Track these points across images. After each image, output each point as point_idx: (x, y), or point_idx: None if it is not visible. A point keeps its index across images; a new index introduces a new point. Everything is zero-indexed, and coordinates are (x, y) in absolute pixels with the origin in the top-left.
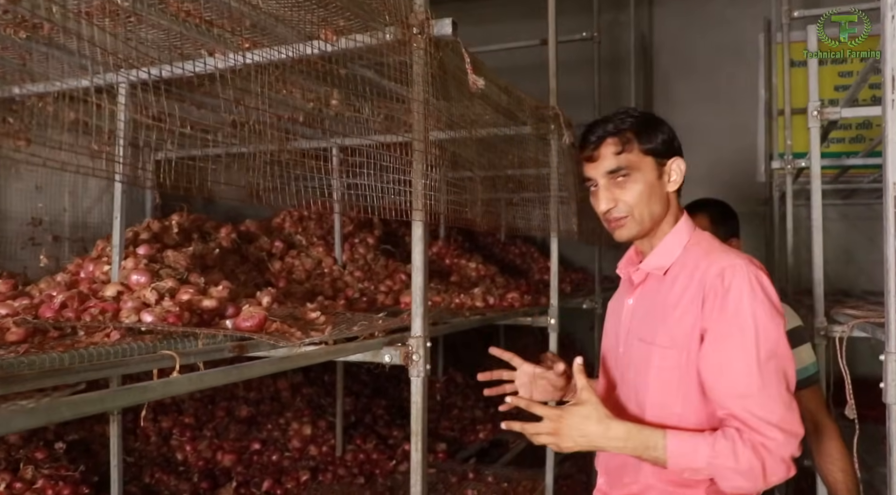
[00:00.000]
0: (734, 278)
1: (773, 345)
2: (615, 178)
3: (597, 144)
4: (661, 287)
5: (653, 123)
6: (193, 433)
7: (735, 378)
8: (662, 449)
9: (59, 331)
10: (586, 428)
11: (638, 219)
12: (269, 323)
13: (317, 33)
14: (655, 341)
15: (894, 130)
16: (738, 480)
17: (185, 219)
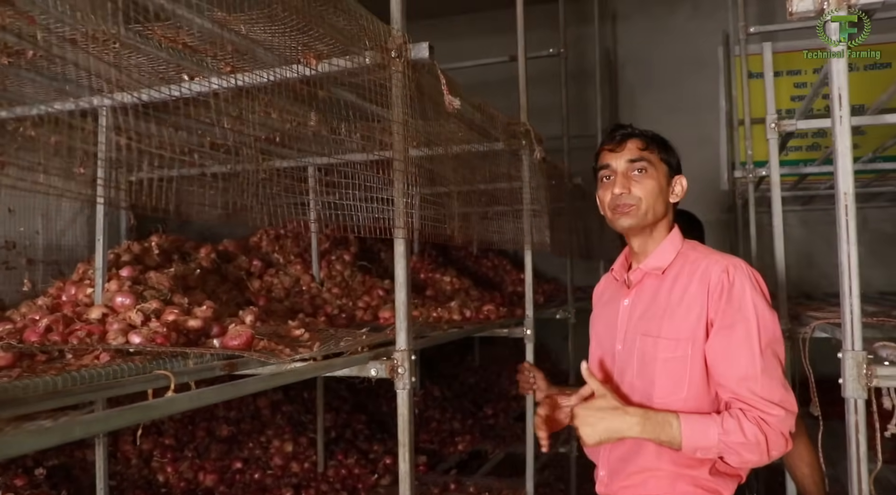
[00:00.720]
0: (737, 275)
1: (772, 333)
2: (634, 168)
3: (623, 139)
4: (662, 285)
5: (669, 143)
6: (174, 454)
7: (740, 362)
8: (677, 430)
9: (47, 355)
10: (604, 419)
11: (643, 211)
12: (257, 341)
13: (298, 58)
14: (661, 334)
15: (843, 144)
16: (745, 454)
17: (165, 240)
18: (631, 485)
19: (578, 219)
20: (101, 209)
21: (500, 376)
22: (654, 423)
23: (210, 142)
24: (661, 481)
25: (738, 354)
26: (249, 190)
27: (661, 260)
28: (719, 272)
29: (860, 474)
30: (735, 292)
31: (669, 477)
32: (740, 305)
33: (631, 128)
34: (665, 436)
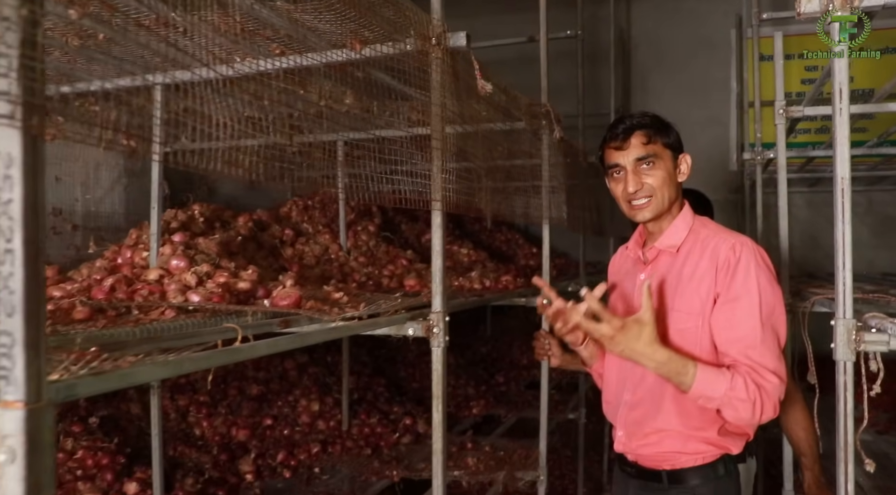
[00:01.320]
0: (743, 251)
1: (772, 307)
2: (642, 165)
3: (626, 135)
4: (675, 261)
5: (666, 124)
6: (209, 410)
7: (743, 332)
8: (692, 376)
9: (116, 311)
10: (636, 344)
11: (659, 201)
12: (304, 301)
13: (344, 43)
14: (674, 307)
15: (842, 133)
16: (742, 411)
17: (206, 209)
18: (648, 444)
19: (591, 197)
20: (156, 178)
21: (511, 346)
22: (673, 365)
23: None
24: (675, 440)
25: (740, 324)
26: (298, 161)
27: (674, 238)
28: (727, 249)
29: (847, 428)
30: (741, 268)
31: (682, 437)
32: (745, 280)
33: (630, 121)
34: (676, 379)
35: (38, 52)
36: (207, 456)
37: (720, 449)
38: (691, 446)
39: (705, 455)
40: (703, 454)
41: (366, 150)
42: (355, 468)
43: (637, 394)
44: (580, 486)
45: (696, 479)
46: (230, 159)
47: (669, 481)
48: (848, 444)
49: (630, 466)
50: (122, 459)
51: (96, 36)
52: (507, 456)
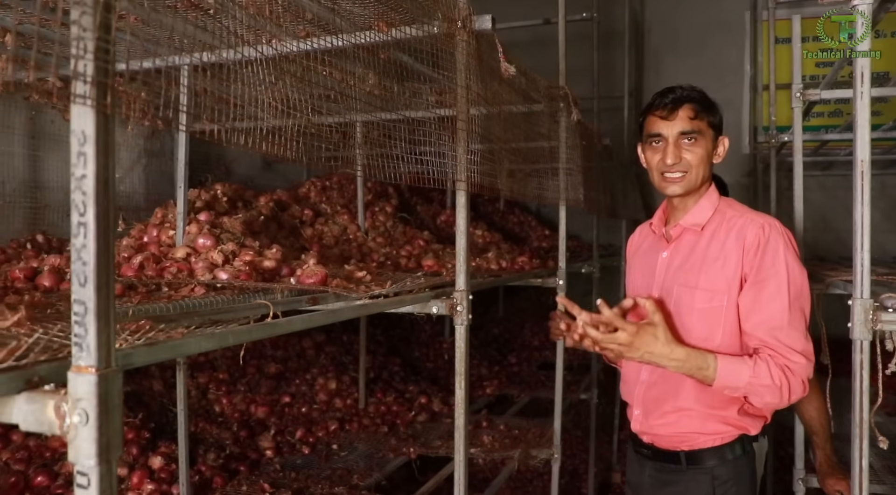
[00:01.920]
0: (772, 232)
1: (799, 288)
2: (684, 139)
3: (675, 106)
4: (700, 240)
5: (714, 103)
6: (228, 388)
7: (770, 313)
8: (714, 370)
9: (146, 288)
10: (654, 346)
11: (692, 179)
12: (330, 279)
13: (371, 25)
14: (698, 285)
15: (863, 116)
16: (769, 397)
17: (228, 189)
18: (665, 423)
19: (606, 179)
20: (182, 158)
21: (523, 327)
22: (694, 362)
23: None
24: (693, 420)
25: (769, 306)
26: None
27: (699, 216)
28: (756, 229)
29: (863, 405)
30: (769, 249)
31: (701, 417)
32: (773, 261)
33: (681, 92)
34: (700, 374)
35: (110, 35)
36: (228, 432)
37: (739, 429)
38: (710, 426)
39: (724, 435)
40: (721, 434)
41: (391, 131)
42: (372, 445)
43: (656, 373)
44: (591, 465)
45: (713, 460)
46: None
47: (687, 462)
48: (863, 422)
49: (646, 447)
50: (147, 434)
51: (128, 17)
52: (522, 435)
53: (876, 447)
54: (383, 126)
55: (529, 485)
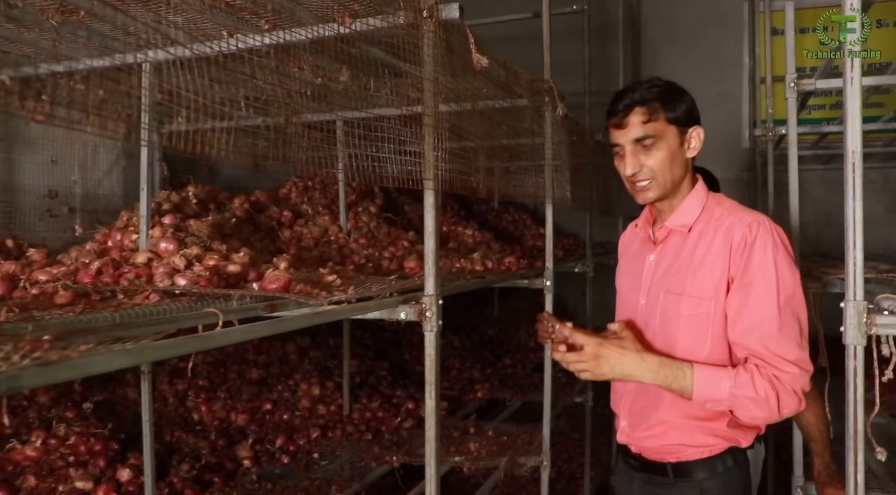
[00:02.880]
0: (760, 231)
1: (791, 292)
2: (641, 145)
3: (625, 113)
4: (686, 242)
5: (677, 93)
6: (208, 395)
7: (758, 320)
8: (690, 380)
9: (100, 295)
10: (623, 357)
11: (661, 183)
12: (294, 285)
13: (334, 17)
14: (685, 291)
15: (853, 104)
16: (755, 410)
17: (201, 191)
18: (652, 436)
19: (598, 176)
20: (145, 159)
21: (518, 328)
22: (667, 371)
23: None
24: (681, 432)
25: (756, 311)
26: (285, 141)
27: (686, 217)
28: (743, 229)
29: (857, 415)
30: (757, 249)
31: (688, 429)
32: (761, 262)
33: (630, 96)
34: (677, 385)
35: None
36: (205, 441)
37: (729, 441)
38: (698, 438)
39: (713, 447)
40: (710, 447)
41: (360, 129)
42: (355, 453)
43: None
44: (587, 470)
45: (702, 473)
46: (219, 141)
47: (675, 474)
48: (858, 433)
49: (633, 458)
50: (116, 445)
51: (78, 12)
52: (511, 441)
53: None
54: (353, 123)
55: (523, 491)
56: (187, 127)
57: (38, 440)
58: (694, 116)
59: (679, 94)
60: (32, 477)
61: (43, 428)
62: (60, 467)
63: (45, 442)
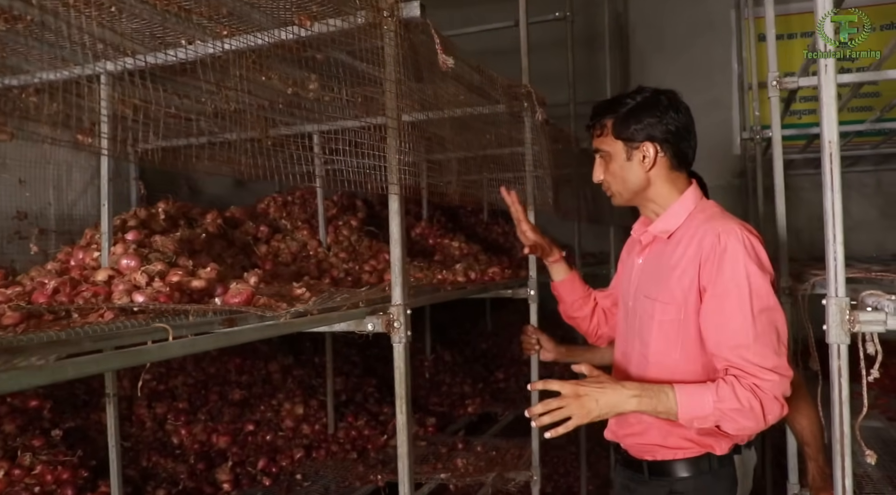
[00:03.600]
0: (729, 240)
1: (765, 300)
2: (598, 157)
3: (590, 126)
4: (666, 249)
5: (637, 111)
6: (188, 417)
7: (733, 331)
8: (674, 401)
9: (54, 315)
10: (603, 390)
11: (619, 192)
12: (257, 298)
13: (292, 19)
14: (658, 298)
15: (828, 93)
16: (742, 421)
17: (172, 207)
18: (633, 433)
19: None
20: (105, 174)
21: (511, 342)
22: (650, 396)
23: (213, 107)
24: (656, 433)
25: (730, 322)
26: (255, 153)
27: (668, 223)
28: (712, 238)
29: (843, 417)
30: (727, 260)
31: (662, 431)
32: (733, 273)
33: (596, 109)
34: (662, 408)
35: None
36: (184, 465)
37: (702, 446)
38: (672, 440)
39: (686, 450)
40: (683, 449)
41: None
42: (339, 473)
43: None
44: (584, 483)
45: (678, 473)
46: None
47: (650, 473)
48: (844, 435)
49: (620, 453)
50: (85, 473)
51: (24, 19)
52: (500, 457)
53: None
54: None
55: None
56: (156, 141)
57: (0, 471)
58: (655, 133)
59: (639, 112)
60: None
61: (7, 458)
62: None
63: (9, 473)
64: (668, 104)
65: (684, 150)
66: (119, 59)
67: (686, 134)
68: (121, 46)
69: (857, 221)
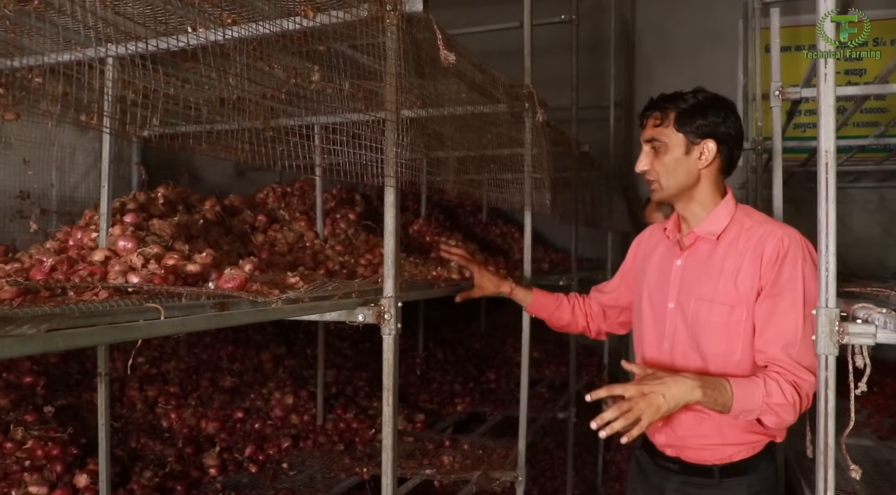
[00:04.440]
0: (791, 244)
1: (814, 303)
2: (652, 146)
3: (646, 114)
4: (716, 250)
5: (703, 108)
6: (178, 401)
7: (784, 328)
8: (730, 394)
9: (50, 292)
10: (666, 385)
11: (666, 186)
12: (250, 285)
13: (296, 10)
14: (716, 299)
15: (827, 102)
16: (784, 415)
17: (171, 192)
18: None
19: (586, 188)
20: (107, 156)
21: (504, 343)
22: (712, 387)
23: (216, 96)
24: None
25: (783, 320)
26: (255, 141)
27: (715, 225)
28: (775, 241)
29: (827, 429)
30: (788, 261)
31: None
32: (791, 274)
33: (655, 101)
34: (721, 400)
35: None
36: (172, 448)
37: (767, 436)
38: (741, 437)
39: (754, 445)
40: (752, 444)
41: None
42: (325, 464)
43: None
44: (569, 487)
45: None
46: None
47: (721, 474)
48: (829, 447)
49: (671, 461)
50: (75, 450)
51: (31, 1)
52: (486, 456)
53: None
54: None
55: None
56: (157, 125)
57: None
58: (711, 130)
59: (706, 109)
60: None
61: (0, 431)
62: (15, 471)
63: (1, 446)
64: (731, 109)
65: (736, 156)
66: (125, 44)
67: (740, 141)
68: (127, 30)
69: (859, 237)
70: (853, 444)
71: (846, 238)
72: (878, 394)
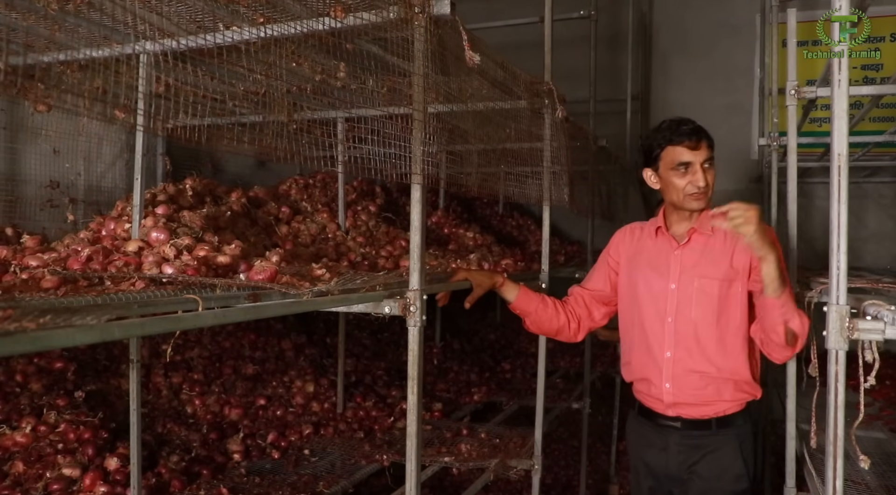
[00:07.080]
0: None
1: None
2: (707, 165)
3: (699, 138)
4: (710, 240)
5: None
6: (202, 388)
7: None
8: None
9: (88, 281)
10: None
11: (709, 196)
12: (280, 276)
13: (327, 10)
14: (718, 276)
15: (840, 106)
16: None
17: (199, 184)
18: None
19: (602, 182)
20: (140, 150)
21: (519, 334)
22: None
23: (244, 90)
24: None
25: None
26: (280, 136)
27: (707, 223)
28: None
29: (837, 421)
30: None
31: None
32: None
33: (694, 125)
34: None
35: None
36: (197, 434)
37: (751, 395)
38: (732, 394)
39: (740, 402)
40: (739, 401)
41: (356, 123)
42: (346, 451)
43: (680, 347)
44: (583, 476)
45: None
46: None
47: (717, 426)
48: (838, 438)
49: (673, 419)
50: (105, 434)
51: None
52: (503, 444)
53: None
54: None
55: None
56: (186, 120)
57: (27, 426)
58: None
59: None
60: (20, 463)
61: (33, 414)
62: (49, 454)
63: (35, 429)
64: None
65: None
66: (160, 41)
67: None
68: (162, 28)
69: (874, 232)
70: (864, 436)
71: (861, 232)
72: (891, 387)
